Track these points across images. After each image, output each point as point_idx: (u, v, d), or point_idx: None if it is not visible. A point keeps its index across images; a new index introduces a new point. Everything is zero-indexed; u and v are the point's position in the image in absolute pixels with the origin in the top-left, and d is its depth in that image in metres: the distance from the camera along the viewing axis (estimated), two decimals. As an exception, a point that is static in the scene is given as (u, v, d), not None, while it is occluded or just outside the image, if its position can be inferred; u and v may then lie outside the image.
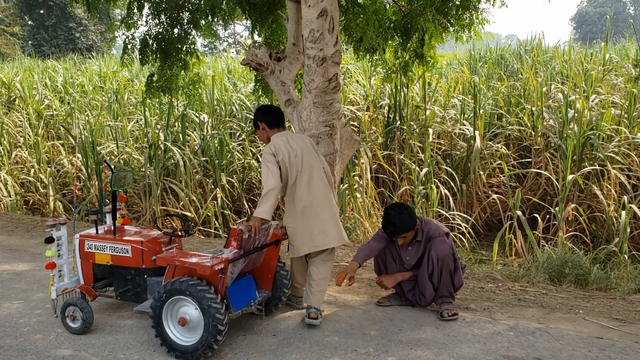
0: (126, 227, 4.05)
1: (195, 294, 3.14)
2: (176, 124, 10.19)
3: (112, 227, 3.84)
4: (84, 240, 3.84)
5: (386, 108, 9.74)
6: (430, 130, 9.00)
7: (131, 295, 3.77)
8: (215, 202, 8.18)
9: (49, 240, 3.69)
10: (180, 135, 9.66)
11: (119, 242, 3.72)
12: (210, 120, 10.52)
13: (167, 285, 3.24)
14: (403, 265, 4.07)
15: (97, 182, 8.87)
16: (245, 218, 4.54)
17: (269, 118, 3.92)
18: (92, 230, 3.91)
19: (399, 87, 9.18)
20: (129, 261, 3.68)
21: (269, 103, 10.03)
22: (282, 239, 3.83)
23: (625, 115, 8.52)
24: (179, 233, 3.85)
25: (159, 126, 10.39)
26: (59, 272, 3.78)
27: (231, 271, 3.33)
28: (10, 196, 9.56)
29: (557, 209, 7.08)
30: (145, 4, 7.37)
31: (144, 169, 8.71)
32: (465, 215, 7.63)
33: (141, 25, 7.69)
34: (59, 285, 3.77)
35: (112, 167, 3.93)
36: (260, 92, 8.06)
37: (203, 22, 7.61)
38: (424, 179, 7.70)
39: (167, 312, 3.29)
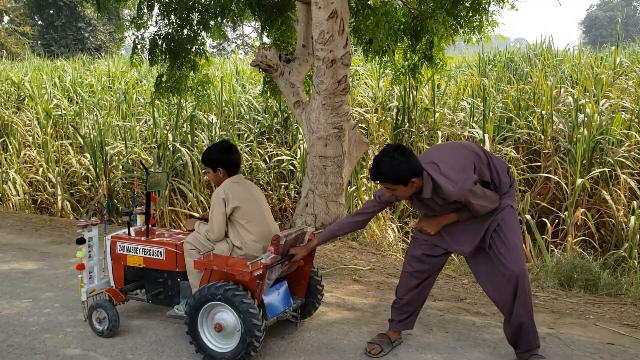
0: (157, 228, 4.01)
1: (232, 299, 3.07)
2: (185, 124, 10.21)
3: (146, 229, 3.78)
4: (115, 242, 3.78)
5: (395, 110, 9.72)
6: (439, 133, 8.97)
7: (163, 298, 3.70)
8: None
9: (81, 241, 3.63)
10: (189, 136, 9.69)
11: (153, 245, 3.65)
12: (218, 121, 10.53)
13: (203, 290, 3.18)
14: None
15: (105, 182, 8.89)
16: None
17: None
18: (124, 232, 3.86)
19: (407, 89, 9.16)
20: (163, 264, 3.62)
21: (278, 104, 10.05)
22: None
23: (636, 120, 8.47)
24: None
25: (167, 127, 10.42)
26: (89, 273, 3.74)
27: (268, 277, 3.26)
28: (18, 195, 9.61)
29: (566, 213, 7.04)
30: (155, 4, 7.38)
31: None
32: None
33: (151, 25, 7.72)
34: (89, 287, 3.72)
35: (147, 168, 3.86)
36: (268, 94, 8.07)
37: (212, 23, 7.62)
38: (432, 181, 7.65)
39: (203, 318, 3.22)
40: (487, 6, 7.01)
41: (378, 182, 3.03)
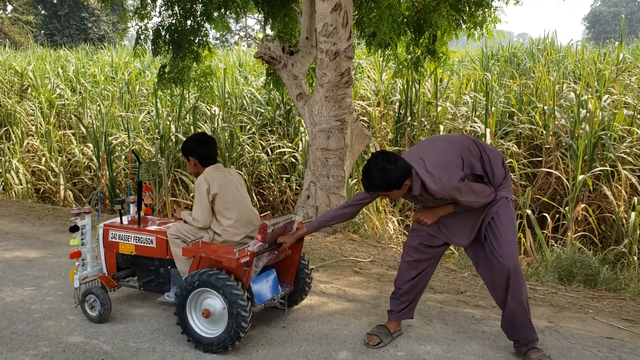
0: (149, 217, 4.06)
1: (219, 285, 3.12)
2: (187, 115, 10.22)
3: (137, 217, 3.84)
4: (107, 230, 3.84)
5: (397, 104, 9.73)
6: (442, 127, 8.98)
7: (154, 285, 3.76)
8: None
9: (74, 228, 3.68)
10: (191, 127, 9.70)
11: (144, 233, 3.70)
12: (221, 113, 10.55)
13: (191, 277, 3.22)
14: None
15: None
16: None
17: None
18: (117, 220, 3.91)
19: (410, 83, 9.15)
20: (153, 252, 3.67)
21: (280, 96, 10.05)
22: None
23: (638, 116, 8.46)
24: None
25: (170, 118, 10.43)
26: (82, 260, 3.78)
27: (256, 264, 3.31)
28: (21, 184, 9.64)
29: (566, 208, 7.06)
30: (159, -5, 7.38)
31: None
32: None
33: (154, 16, 7.71)
34: (81, 274, 3.77)
35: (140, 157, 3.91)
36: (271, 86, 8.08)
37: (216, 14, 7.61)
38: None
39: (191, 304, 3.27)
40: (490, 1, 7.00)
41: (372, 192, 3.04)
